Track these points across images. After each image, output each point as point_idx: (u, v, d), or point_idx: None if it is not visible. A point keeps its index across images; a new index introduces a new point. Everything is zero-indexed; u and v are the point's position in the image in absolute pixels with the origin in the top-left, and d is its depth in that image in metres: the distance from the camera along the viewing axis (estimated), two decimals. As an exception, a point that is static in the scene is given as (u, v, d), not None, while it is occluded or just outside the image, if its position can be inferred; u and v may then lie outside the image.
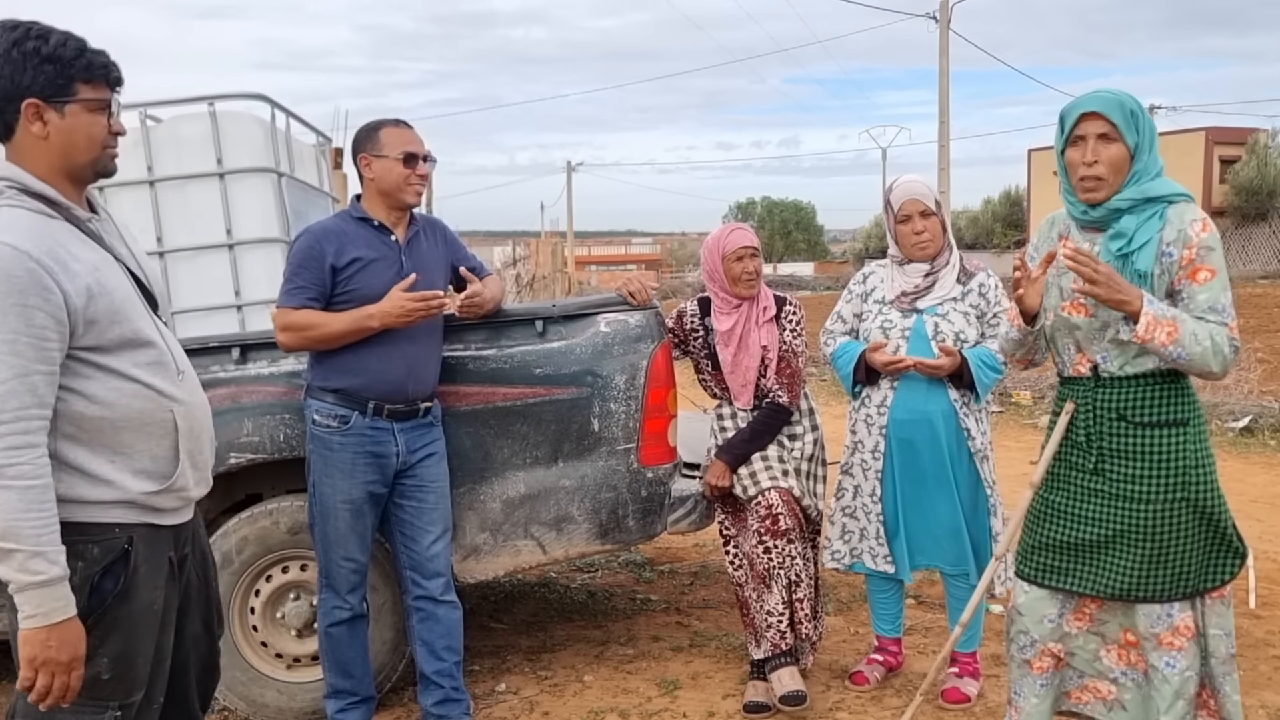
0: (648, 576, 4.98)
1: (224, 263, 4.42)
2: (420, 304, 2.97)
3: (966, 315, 3.36)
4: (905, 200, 3.35)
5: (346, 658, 3.21)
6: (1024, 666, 2.66)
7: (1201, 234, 2.39)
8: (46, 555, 1.80)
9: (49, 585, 1.81)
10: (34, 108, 1.89)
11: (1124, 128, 2.41)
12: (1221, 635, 2.54)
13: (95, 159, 1.97)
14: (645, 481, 3.41)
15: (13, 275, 1.78)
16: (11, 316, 1.78)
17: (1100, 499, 2.52)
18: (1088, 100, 2.45)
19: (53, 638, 1.82)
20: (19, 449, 1.79)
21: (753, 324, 3.56)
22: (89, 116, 1.93)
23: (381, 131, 3.10)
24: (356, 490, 3.07)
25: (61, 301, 1.83)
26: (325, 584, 3.16)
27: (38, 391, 1.81)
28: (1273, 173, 31.32)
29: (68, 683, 1.86)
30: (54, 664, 1.83)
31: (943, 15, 24.04)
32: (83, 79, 1.91)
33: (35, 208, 1.89)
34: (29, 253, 1.80)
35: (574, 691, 3.65)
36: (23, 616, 1.82)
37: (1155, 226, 2.41)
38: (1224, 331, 2.38)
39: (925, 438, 3.34)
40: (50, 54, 1.88)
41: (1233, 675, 2.56)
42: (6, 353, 1.78)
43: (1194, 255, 2.39)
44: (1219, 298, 2.39)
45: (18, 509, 1.78)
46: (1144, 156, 2.43)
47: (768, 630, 3.45)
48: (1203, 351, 2.35)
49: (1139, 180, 2.44)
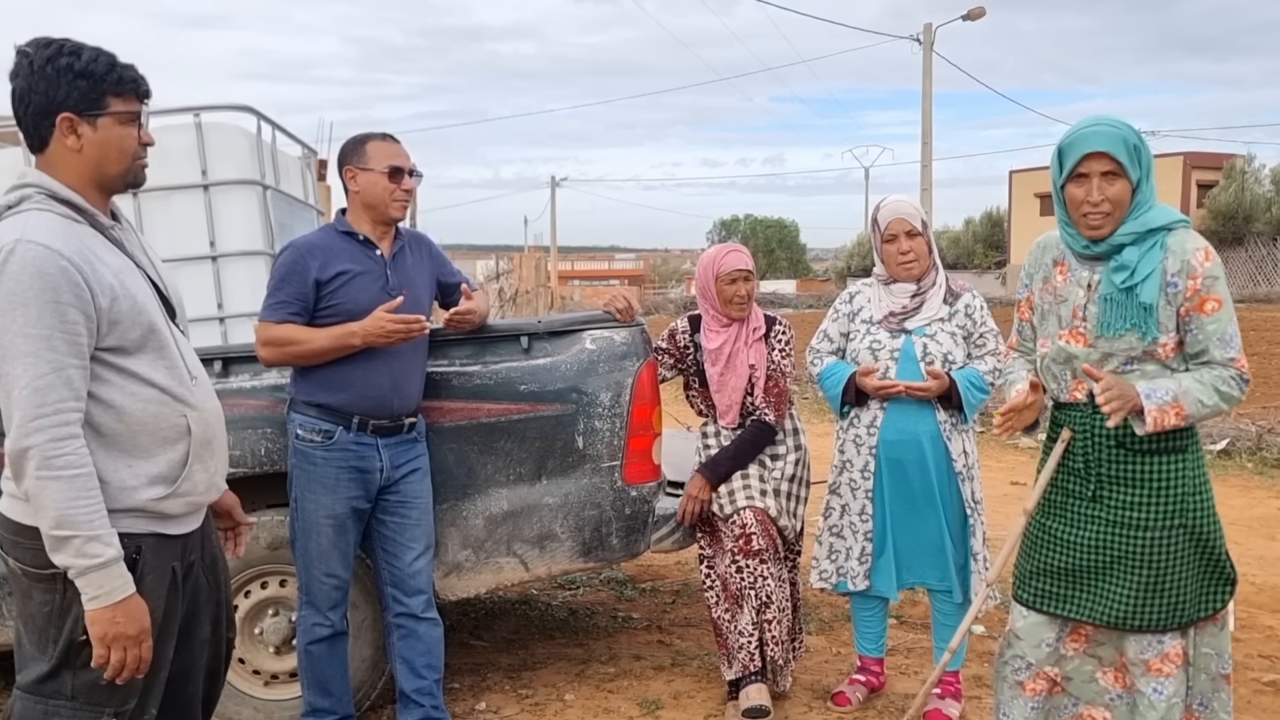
0: (629, 594, 4.96)
1: (207, 275, 4.39)
2: (401, 326, 2.95)
3: (954, 336, 3.37)
4: (892, 219, 3.37)
5: (326, 675, 3.17)
6: (1016, 688, 2.65)
7: (1205, 264, 2.39)
8: (101, 538, 1.89)
9: (107, 566, 1.89)
10: (68, 121, 1.97)
11: (1128, 165, 2.38)
12: (1213, 655, 2.55)
13: (126, 169, 2.06)
14: (629, 499, 3.39)
15: (46, 273, 1.86)
16: (46, 313, 1.85)
17: (1098, 525, 2.52)
18: (1092, 138, 2.38)
19: (119, 614, 1.91)
20: (63, 440, 1.86)
21: (742, 343, 3.56)
22: (120, 129, 2.02)
23: (368, 145, 3.09)
24: (339, 506, 3.05)
25: (90, 299, 1.90)
26: (306, 600, 3.13)
27: (74, 385, 1.89)
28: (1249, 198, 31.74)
29: (140, 654, 1.95)
30: (124, 639, 1.92)
31: (926, 38, 24.25)
32: (114, 93, 2.00)
33: (62, 212, 1.96)
34: (60, 251, 1.88)
35: (555, 710, 3.62)
36: (87, 599, 1.90)
37: (1157, 257, 2.40)
38: (1228, 372, 2.41)
39: (914, 458, 3.35)
40: (83, 69, 1.96)
41: (1223, 694, 2.56)
42: (44, 348, 1.85)
43: (1199, 286, 2.39)
44: (1226, 328, 2.41)
45: (68, 497, 1.86)
46: (1144, 188, 2.43)
47: (739, 651, 3.44)
48: (1214, 406, 2.41)
49: (1139, 212, 2.42)
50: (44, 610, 1.97)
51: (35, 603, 1.98)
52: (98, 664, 1.92)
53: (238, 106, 4.61)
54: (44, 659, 1.97)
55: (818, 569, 3.55)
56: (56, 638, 1.96)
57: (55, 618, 1.96)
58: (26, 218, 1.91)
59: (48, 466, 1.85)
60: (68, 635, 1.95)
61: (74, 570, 1.88)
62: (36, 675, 1.98)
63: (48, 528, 1.87)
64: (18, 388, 1.85)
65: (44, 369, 1.85)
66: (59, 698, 1.98)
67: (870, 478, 3.41)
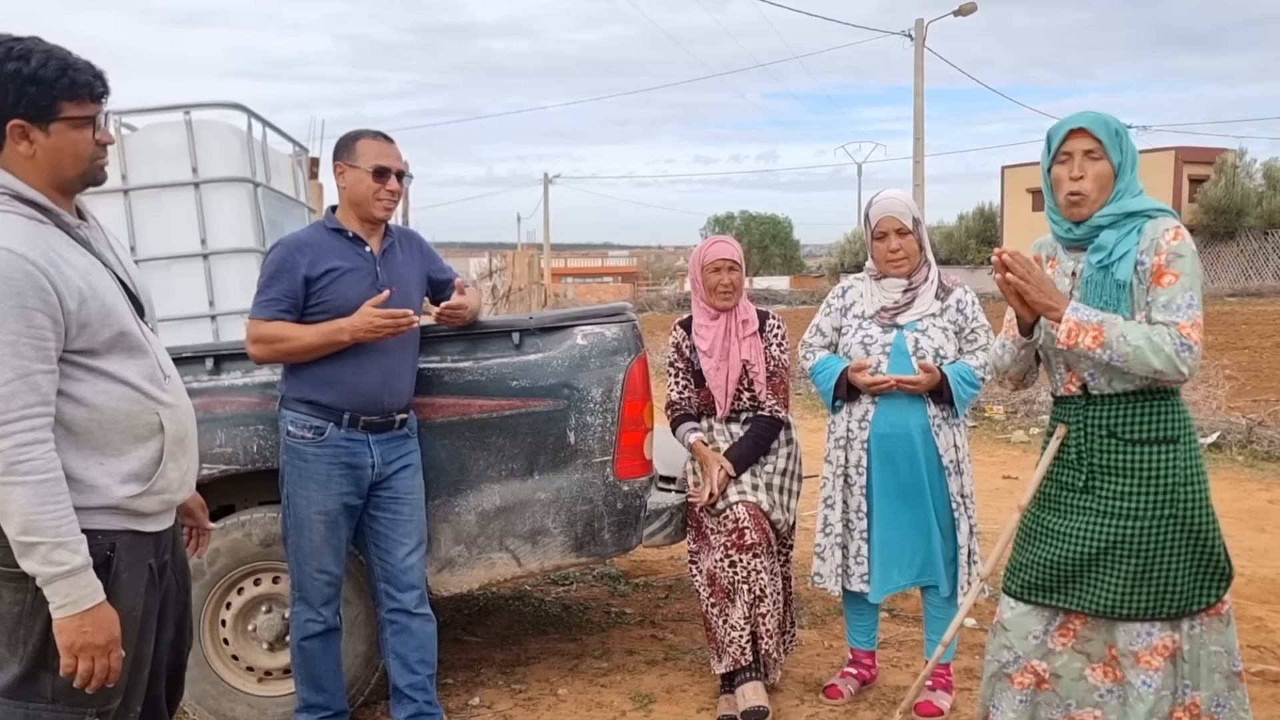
0: (622, 590, 4.97)
1: (198, 272, 4.39)
2: (389, 321, 2.96)
3: (945, 331, 3.39)
4: (882, 218, 3.38)
5: (319, 672, 3.18)
6: (1004, 680, 2.66)
7: (1172, 242, 2.43)
8: (68, 545, 1.85)
9: (74, 574, 1.86)
10: (19, 129, 1.91)
11: (1109, 145, 2.47)
12: (1223, 653, 2.54)
13: (83, 172, 2.00)
14: (621, 494, 3.40)
15: (10, 278, 1.82)
16: (11, 318, 1.82)
17: (1089, 516, 2.54)
18: (1075, 118, 2.52)
19: (86, 623, 1.87)
20: (29, 445, 1.83)
21: (733, 337, 3.58)
22: (74, 133, 1.95)
23: (359, 142, 3.09)
24: (331, 502, 3.05)
25: (57, 303, 1.87)
26: (298, 597, 3.13)
27: (40, 390, 1.85)
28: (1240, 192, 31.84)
29: (108, 664, 1.91)
30: (92, 648, 1.88)
31: (918, 33, 24.27)
32: (66, 97, 1.93)
33: (27, 213, 1.92)
34: (25, 255, 1.84)
35: (548, 705, 3.63)
36: (54, 607, 1.87)
37: (1133, 240, 2.45)
38: (1167, 330, 2.38)
39: (904, 451, 3.36)
40: (32, 75, 1.89)
41: (1238, 692, 2.56)
42: (9, 354, 1.82)
43: (1162, 261, 2.42)
44: (1176, 298, 2.40)
45: (34, 503, 1.82)
46: (1126, 176, 2.49)
47: (729, 645, 3.45)
48: (1134, 351, 2.36)
49: (1120, 198, 2.49)
50: (14, 610, 1.93)
51: (5, 602, 1.93)
52: (65, 673, 1.89)
53: (228, 104, 4.61)
54: (15, 660, 1.93)
55: (815, 569, 3.52)
56: (27, 638, 1.92)
57: (26, 618, 1.92)
58: None
59: (13, 472, 1.81)
60: (40, 635, 1.91)
61: (41, 578, 1.85)
62: (13, 678, 1.94)
63: (14, 534, 1.83)
64: None
65: (9, 375, 1.82)
66: (39, 700, 1.94)
67: (864, 473, 3.42)
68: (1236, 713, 2.56)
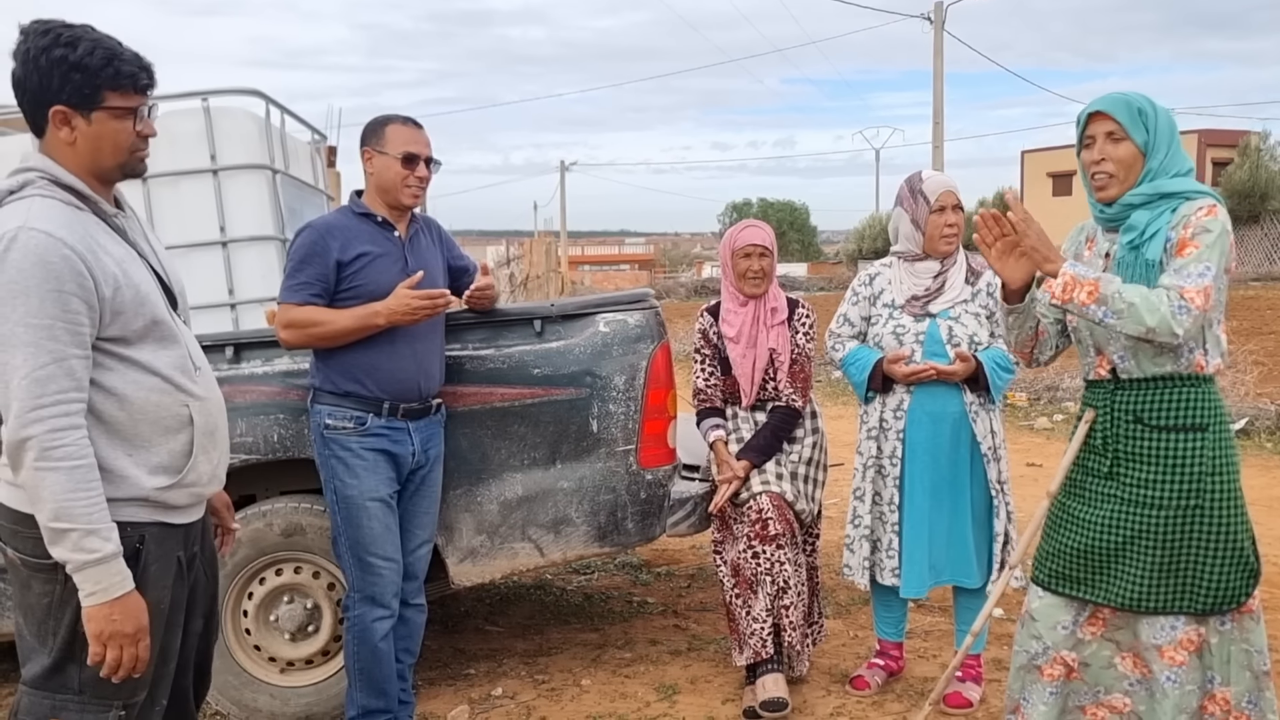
0: (644, 579, 4.94)
1: (217, 260, 4.38)
2: (426, 302, 2.91)
3: (978, 316, 3.33)
4: (943, 191, 3.33)
5: (384, 674, 3.05)
6: (1034, 672, 2.61)
7: (1204, 218, 2.35)
8: (99, 533, 1.85)
9: (105, 562, 1.85)
10: (61, 114, 1.92)
11: (1130, 126, 2.42)
12: (1253, 652, 2.48)
13: (122, 163, 2.00)
14: (644, 483, 3.36)
15: (49, 262, 1.82)
16: (49, 302, 1.82)
17: (1114, 504, 2.48)
18: (1096, 101, 2.50)
19: (115, 611, 1.87)
20: (63, 430, 1.83)
21: (761, 325, 3.53)
22: (115, 124, 1.96)
23: (388, 127, 3.03)
24: (384, 487, 2.99)
25: (93, 288, 1.87)
26: (361, 596, 3.01)
27: (75, 375, 1.85)
28: (1264, 175, 31.41)
29: (136, 654, 1.91)
30: (120, 636, 1.88)
31: (937, 17, 24.05)
32: (110, 87, 1.93)
33: (65, 199, 1.92)
34: (64, 240, 1.85)
35: (571, 696, 3.60)
36: (84, 594, 1.86)
37: (1165, 219, 2.40)
38: (1167, 292, 2.30)
39: (942, 440, 3.31)
40: (77, 62, 1.89)
41: (1268, 692, 2.49)
42: (45, 338, 1.82)
43: (1188, 235, 2.36)
44: (1188, 265, 2.32)
45: (67, 489, 1.82)
46: (1158, 155, 2.43)
47: (750, 637, 3.40)
48: (1129, 308, 2.30)
49: (1152, 177, 2.43)
50: (44, 601, 1.93)
51: (35, 593, 1.94)
52: (93, 661, 1.89)
53: (246, 91, 4.58)
54: (44, 651, 1.94)
55: (846, 561, 3.48)
56: (56, 629, 1.93)
57: (55, 609, 1.92)
58: (30, 204, 1.88)
59: (46, 457, 1.81)
60: (68, 627, 1.92)
61: (71, 565, 1.84)
62: (41, 669, 1.95)
63: (45, 520, 1.83)
64: (17, 377, 1.81)
65: (44, 359, 1.81)
66: (66, 692, 1.94)
67: (898, 464, 3.36)
68: (1265, 714, 2.49)
